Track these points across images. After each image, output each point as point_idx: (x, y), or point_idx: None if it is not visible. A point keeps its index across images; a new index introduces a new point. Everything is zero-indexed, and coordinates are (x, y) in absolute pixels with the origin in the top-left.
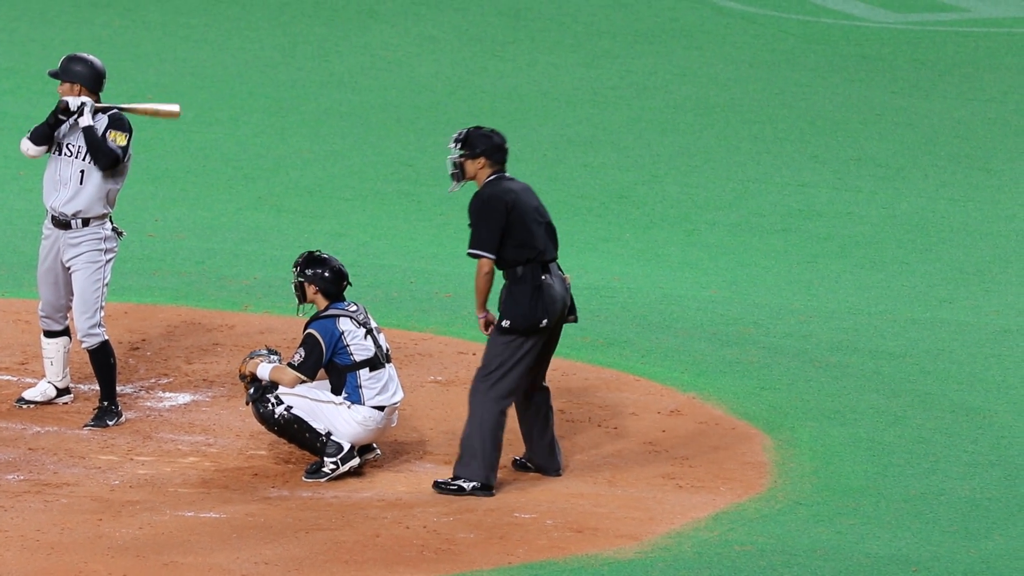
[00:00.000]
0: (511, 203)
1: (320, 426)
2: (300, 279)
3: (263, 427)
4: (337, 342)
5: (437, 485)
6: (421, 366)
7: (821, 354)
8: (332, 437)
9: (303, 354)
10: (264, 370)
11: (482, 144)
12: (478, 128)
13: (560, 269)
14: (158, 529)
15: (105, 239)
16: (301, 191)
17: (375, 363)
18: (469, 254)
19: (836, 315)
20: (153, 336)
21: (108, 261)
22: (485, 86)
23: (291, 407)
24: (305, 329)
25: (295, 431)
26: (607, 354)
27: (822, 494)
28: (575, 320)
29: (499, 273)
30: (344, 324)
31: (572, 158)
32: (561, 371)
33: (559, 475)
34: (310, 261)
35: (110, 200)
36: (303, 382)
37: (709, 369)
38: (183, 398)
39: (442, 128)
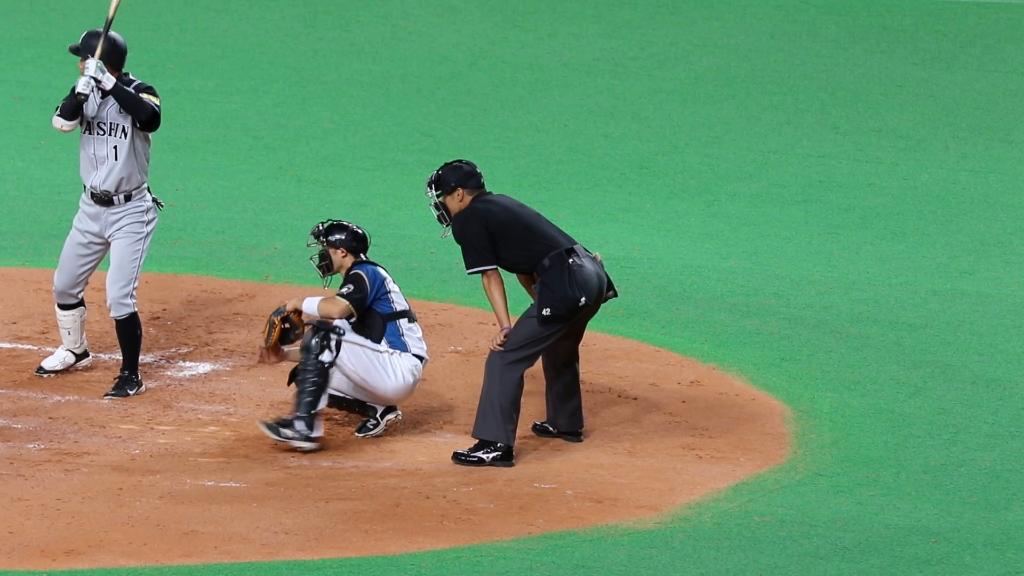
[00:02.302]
0: (485, 211)
1: (367, 375)
2: (325, 247)
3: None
4: (381, 286)
5: (457, 456)
6: (442, 336)
7: (841, 325)
8: (318, 418)
9: (351, 287)
10: (311, 303)
11: (454, 177)
12: (447, 164)
13: (587, 250)
14: (178, 498)
15: (147, 211)
16: (322, 161)
17: (412, 316)
18: (470, 274)
19: (856, 286)
20: (174, 306)
21: (149, 234)
22: (506, 56)
23: (333, 365)
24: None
25: (308, 384)
26: (627, 325)
27: (842, 465)
28: (615, 295)
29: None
30: (383, 271)
31: (592, 128)
32: (582, 341)
33: (580, 439)
34: (332, 228)
35: (144, 170)
36: (351, 316)
37: (729, 340)
38: (203, 368)
39: (463, 98)
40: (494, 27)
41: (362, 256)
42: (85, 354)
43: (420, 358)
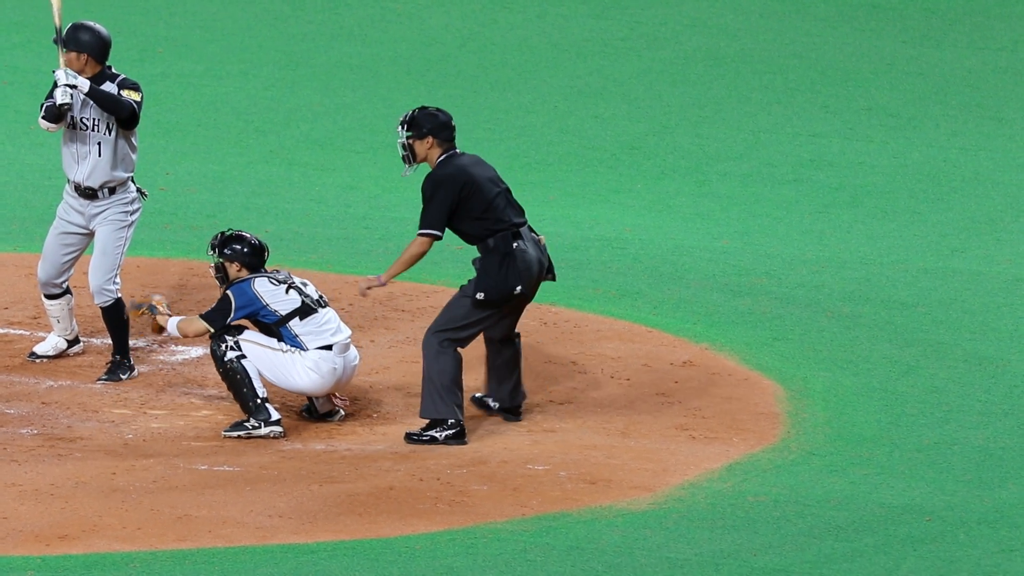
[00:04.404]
0: (464, 182)
1: (274, 376)
2: (220, 259)
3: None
4: (254, 301)
5: (409, 437)
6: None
7: (833, 304)
8: (268, 403)
9: (213, 307)
10: (172, 323)
11: (428, 123)
12: (423, 108)
13: (533, 231)
14: (172, 482)
15: (132, 201)
16: (312, 144)
17: (305, 311)
18: (419, 234)
19: (848, 265)
20: (164, 289)
21: (133, 223)
22: (495, 38)
23: (244, 356)
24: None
25: (236, 382)
26: (619, 305)
27: (835, 444)
28: (553, 279)
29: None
30: (260, 285)
31: (583, 109)
32: (573, 323)
33: (519, 417)
34: (227, 240)
35: (129, 165)
36: (208, 332)
37: (721, 320)
38: (196, 352)
39: (453, 80)
40: (483, 8)
41: (264, 269)
42: (76, 340)
43: (327, 347)
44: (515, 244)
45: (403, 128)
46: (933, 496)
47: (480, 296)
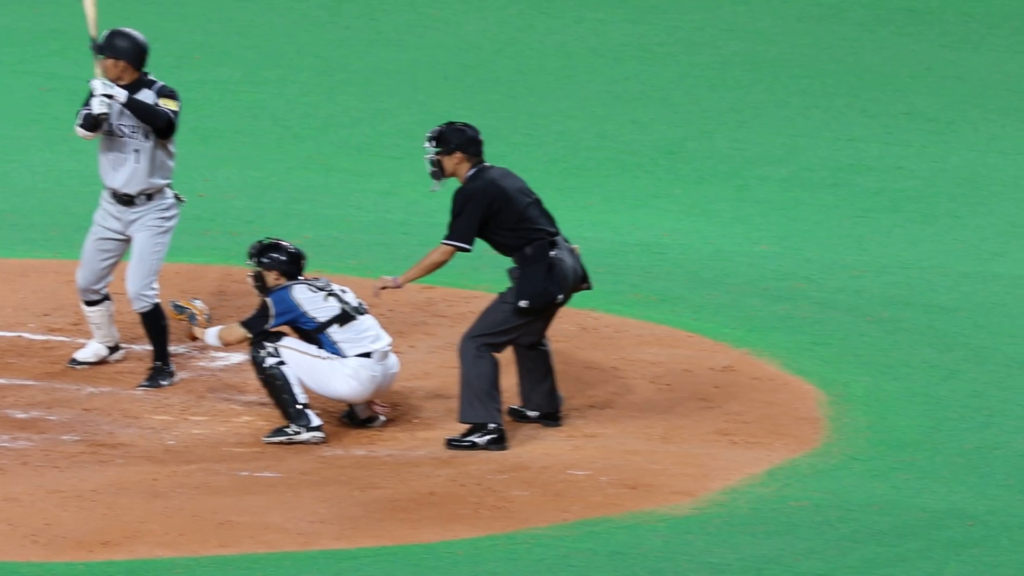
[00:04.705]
0: (494, 195)
1: (313, 383)
2: (258, 268)
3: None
4: (293, 308)
5: (450, 443)
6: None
7: (873, 309)
8: (308, 408)
9: (253, 313)
10: (211, 335)
11: (456, 139)
12: (451, 124)
13: (567, 240)
14: (213, 488)
15: (169, 207)
16: (350, 150)
17: (344, 318)
18: (443, 243)
19: (888, 269)
20: (204, 296)
21: (170, 228)
22: (532, 43)
23: (284, 363)
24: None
25: (276, 388)
26: (659, 310)
27: (876, 449)
28: (589, 287)
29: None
30: (299, 292)
31: (621, 114)
32: (613, 328)
33: (559, 423)
34: (265, 249)
35: (167, 172)
36: (248, 339)
37: (761, 325)
38: (236, 357)
39: (490, 86)
40: (520, 14)
41: (301, 277)
42: (117, 347)
43: (367, 354)
44: (552, 252)
45: (431, 144)
46: (975, 500)
47: (523, 304)
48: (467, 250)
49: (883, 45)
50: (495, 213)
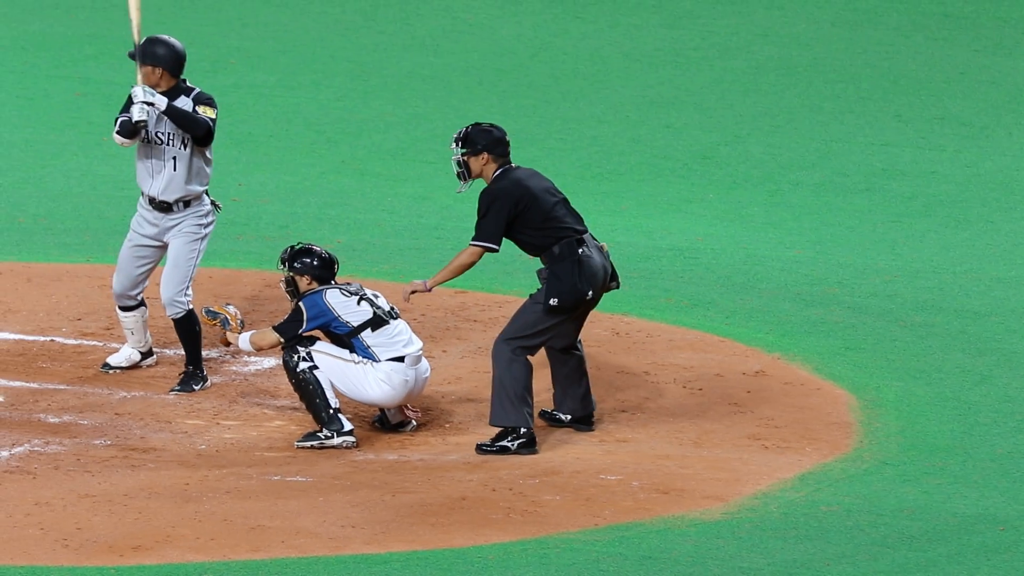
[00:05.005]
0: (520, 195)
1: (346, 388)
2: (290, 273)
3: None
4: (326, 312)
5: (480, 448)
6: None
7: (906, 314)
8: (340, 413)
9: (286, 317)
10: (244, 340)
11: (483, 140)
12: (477, 124)
13: (595, 238)
14: (244, 493)
15: (206, 214)
16: (384, 154)
17: (377, 322)
18: (471, 244)
19: (921, 274)
20: (237, 301)
21: (206, 235)
22: (567, 48)
23: (316, 367)
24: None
25: (309, 392)
26: (691, 315)
27: (908, 454)
28: (617, 286)
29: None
30: (332, 296)
31: (654, 119)
32: (645, 332)
33: (592, 427)
34: (297, 255)
35: (204, 179)
36: (280, 343)
37: (794, 329)
38: (268, 363)
39: (524, 91)
40: (555, 19)
41: (333, 282)
42: (150, 352)
43: (399, 359)
44: (580, 250)
45: (457, 145)
46: (1007, 506)
47: (553, 302)
48: (495, 250)
49: (917, 50)
50: (521, 212)
